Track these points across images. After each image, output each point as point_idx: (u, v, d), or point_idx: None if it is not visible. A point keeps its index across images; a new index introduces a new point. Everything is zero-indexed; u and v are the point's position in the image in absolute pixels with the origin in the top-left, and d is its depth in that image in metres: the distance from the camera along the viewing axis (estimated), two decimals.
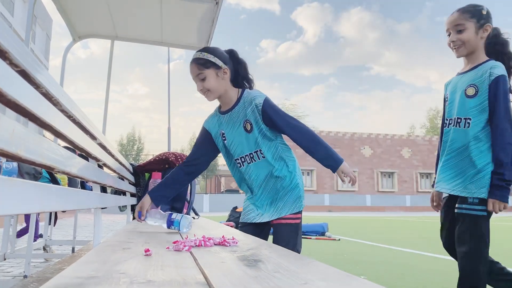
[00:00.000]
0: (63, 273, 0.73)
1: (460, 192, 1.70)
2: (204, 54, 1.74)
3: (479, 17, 1.71)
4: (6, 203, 0.59)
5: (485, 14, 1.71)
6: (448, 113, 1.83)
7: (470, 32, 1.71)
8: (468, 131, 1.70)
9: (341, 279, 0.75)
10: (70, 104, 0.94)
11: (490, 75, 1.66)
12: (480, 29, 1.71)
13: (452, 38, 1.74)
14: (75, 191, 1.09)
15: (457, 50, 1.76)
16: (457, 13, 1.73)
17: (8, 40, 0.55)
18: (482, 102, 1.68)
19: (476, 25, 1.71)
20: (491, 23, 1.73)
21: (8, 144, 0.54)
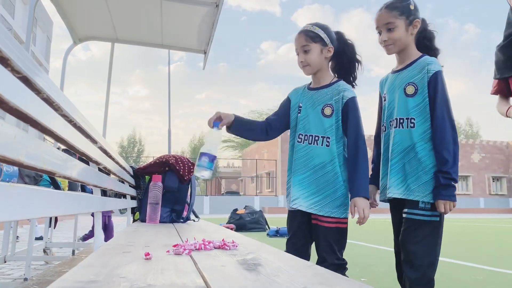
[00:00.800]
0: (64, 277, 0.73)
1: (407, 196, 1.61)
2: (315, 28, 1.73)
3: (408, 14, 1.66)
4: (7, 208, 0.60)
5: (413, 9, 1.67)
6: (389, 114, 1.74)
7: (401, 30, 1.66)
8: (413, 132, 1.62)
9: (341, 283, 0.76)
10: (71, 109, 0.95)
11: (428, 72, 1.61)
12: (410, 25, 1.66)
13: (383, 37, 1.69)
14: (76, 195, 1.10)
15: (388, 49, 1.71)
16: (385, 11, 1.68)
17: (10, 47, 0.55)
18: (423, 100, 1.62)
19: (406, 22, 1.66)
20: (419, 18, 1.69)
21: (9, 150, 0.54)
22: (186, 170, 2.94)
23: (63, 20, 3.68)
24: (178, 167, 2.90)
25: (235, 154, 44.40)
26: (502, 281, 3.32)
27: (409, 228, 1.60)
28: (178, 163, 2.93)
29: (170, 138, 5.17)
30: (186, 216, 2.93)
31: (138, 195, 2.99)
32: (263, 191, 30.73)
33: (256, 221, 8.72)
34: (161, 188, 2.69)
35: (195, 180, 3.08)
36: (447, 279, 3.25)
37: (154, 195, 2.62)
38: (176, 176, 2.91)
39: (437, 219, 1.57)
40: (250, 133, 1.89)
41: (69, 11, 3.58)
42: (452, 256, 4.56)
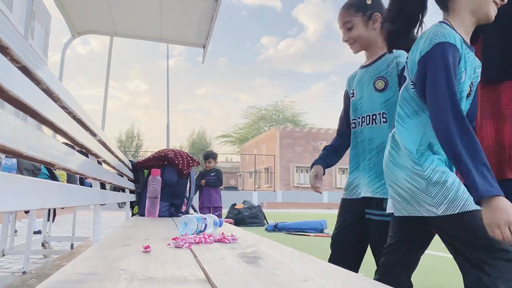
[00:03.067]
0: (64, 269, 0.73)
1: (384, 195, 1.50)
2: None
3: (365, 9, 1.60)
4: (6, 199, 0.59)
5: (370, 3, 1.61)
6: (359, 110, 1.66)
7: (359, 28, 1.61)
8: (386, 127, 1.55)
9: (341, 276, 0.76)
10: (70, 101, 0.94)
11: (398, 65, 1.56)
12: (369, 21, 1.60)
13: (344, 37, 1.65)
14: (75, 188, 1.09)
15: (352, 47, 1.66)
16: (342, 10, 1.64)
17: (9, 36, 0.55)
18: (394, 94, 1.55)
19: (363, 19, 1.61)
20: (379, 11, 1.61)
21: (9, 140, 0.54)
22: (185, 164, 2.94)
23: (62, 13, 3.66)
24: (177, 161, 2.90)
25: (233, 149, 44.42)
26: None
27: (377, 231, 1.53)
28: (177, 157, 2.92)
29: (168, 133, 5.16)
30: (185, 210, 2.92)
31: (137, 189, 2.99)
32: (261, 186, 30.78)
33: (255, 216, 8.74)
34: (160, 182, 2.68)
35: (194, 175, 3.08)
36: (436, 272, 3.26)
37: (153, 189, 2.62)
38: (175, 170, 2.91)
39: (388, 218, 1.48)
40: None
41: (68, 4, 3.56)
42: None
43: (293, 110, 41.91)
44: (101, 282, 0.64)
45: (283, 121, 40.37)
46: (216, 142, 46.56)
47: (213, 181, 5.86)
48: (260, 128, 41.73)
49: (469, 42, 1.44)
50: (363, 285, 0.68)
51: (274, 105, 42.22)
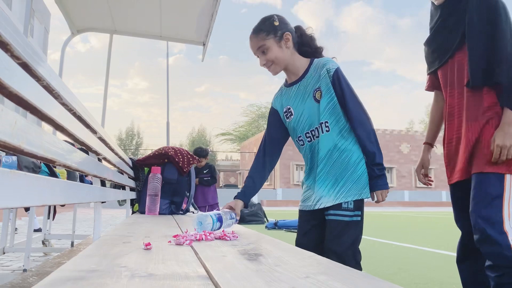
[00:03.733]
0: (64, 266, 0.73)
1: (344, 199, 1.54)
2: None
3: (275, 31, 1.62)
4: (7, 196, 0.59)
5: (278, 24, 1.63)
6: (302, 126, 1.67)
7: (274, 49, 1.62)
8: (329, 136, 1.59)
9: (342, 272, 0.76)
10: (70, 98, 0.94)
11: (328, 71, 1.59)
12: (281, 41, 1.63)
13: (261, 61, 1.66)
14: (75, 185, 1.09)
15: (271, 70, 1.67)
16: (253, 36, 1.65)
17: (10, 32, 0.54)
18: (331, 100, 1.59)
19: (275, 40, 1.62)
20: (288, 29, 1.64)
21: (10, 136, 0.54)
22: (185, 162, 2.93)
23: (61, 11, 3.65)
24: (177, 159, 2.90)
25: (233, 147, 44.44)
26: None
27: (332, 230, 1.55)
28: (177, 155, 2.92)
29: (168, 131, 5.15)
30: (186, 208, 2.93)
31: (137, 186, 2.99)
32: None
33: (255, 214, 8.76)
34: (160, 179, 2.68)
35: (194, 172, 3.08)
36: (416, 264, 3.27)
37: (153, 186, 2.62)
38: (175, 168, 2.91)
39: (359, 218, 1.56)
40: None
41: (67, 2, 3.55)
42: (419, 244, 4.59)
43: None
44: (102, 279, 0.64)
45: None
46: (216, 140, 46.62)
47: (206, 179, 5.81)
48: (260, 126, 41.75)
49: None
50: (364, 282, 0.68)
51: None
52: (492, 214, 1.50)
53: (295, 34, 1.69)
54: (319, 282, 0.65)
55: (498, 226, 1.48)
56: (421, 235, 6.38)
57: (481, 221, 1.51)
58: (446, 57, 1.74)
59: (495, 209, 1.50)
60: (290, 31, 1.65)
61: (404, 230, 7.50)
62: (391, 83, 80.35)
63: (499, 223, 1.48)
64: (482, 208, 1.52)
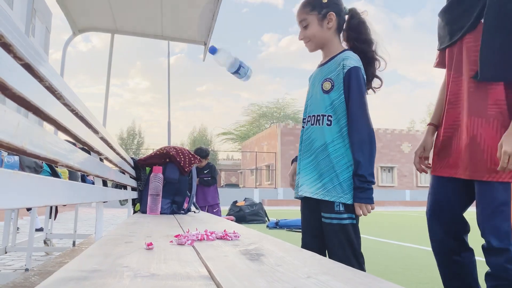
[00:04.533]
0: (67, 266, 0.73)
1: (323, 196, 1.51)
2: None
3: (320, 8, 1.57)
4: (9, 196, 0.59)
5: (326, 2, 1.57)
6: (308, 109, 1.65)
7: (314, 27, 1.58)
8: (328, 130, 1.54)
9: (344, 273, 0.76)
10: (72, 98, 0.94)
11: (343, 68, 1.52)
12: (324, 20, 1.57)
13: (300, 35, 1.64)
14: (77, 185, 1.09)
15: (307, 46, 1.64)
16: (300, 8, 1.62)
17: (12, 33, 0.54)
18: (339, 96, 1.54)
19: (318, 17, 1.57)
20: (335, 10, 1.58)
21: (13, 137, 0.54)
22: (187, 161, 2.94)
23: (63, 10, 3.66)
24: (178, 158, 2.90)
25: (234, 146, 44.44)
26: None
27: (329, 234, 1.52)
28: (178, 154, 2.93)
29: (169, 130, 5.15)
30: (187, 207, 2.93)
31: (138, 186, 2.99)
32: (262, 184, 30.80)
33: (256, 213, 8.76)
34: (161, 179, 2.69)
35: (195, 172, 3.08)
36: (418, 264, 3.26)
37: (155, 186, 2.62)
38: (176, 168, 2.91)
39: (354, 221, 1.50)
40: None
41: (68, 1, 3.56)
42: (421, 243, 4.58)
43: (294, 107, 41.89)
44: (104, 279, 0.64)
45: (284, 118, 40.37)
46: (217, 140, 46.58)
47: (206, 179, 5.81)
48: (261, 125, 41.74)
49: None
50: (365, 282, 0.68)
51: (275, 102, 42.25)
52: (498, 224, 1.45)
53: (344, 15, 1.62)
54: (320, 282, 0.66)
55: (505, 237, 1.43)
56: (423, 235, 6.37)
57: (488, 231, 1.47)
58: (456, 37, 1.61)
59: (502, 218, 1.44)
60: (337, 12, 1.59)
61: (405, 230, 7.49)
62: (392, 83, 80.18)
63: (506, 234, 1.43)
64: (488, 217, 1.47)
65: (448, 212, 1.67)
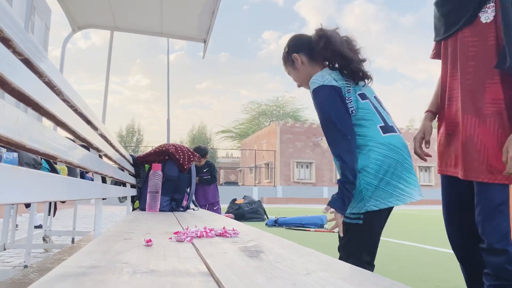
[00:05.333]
0: (66, 262, 0.73)
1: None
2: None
3: (286, 59, 1.73)
4: (8, 191, 0.59)
5: (287, 51, 1.72)
6: None
7: (294, 74, 1.74)
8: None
9: (343, 270, 0.76)
10: (72, 94, 0.94)
11: (311, 93, 1.62)
12: (293, 64, 1.70)
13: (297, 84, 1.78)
14: (77, 181, 1.09)
15: (305, 88, 1.74)
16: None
17: (12, 28, 0.54)
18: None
19: (291, 65, 1.72)
20: (295, 50, 1.69)
21: (12, 132, 0.54)
22: (186, 159, 2.94)
23: (62, 7, 3.65)
24: (178, 156, 2.90)
25: (234, 144, 44.43)
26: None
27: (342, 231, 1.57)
28: (178, 152, 2.92)
29: (169, 128, 5.15)
30: (186, 205, 2.93)
31: (137, 183, 2.99)
32: (261, 182, 30.81)
33: (255, 211, 8.76)
34: (160, 176, 2.68)
35: (195, 170, 3.08)
36: (417, 262, 3.27)
37: (154, 183, 2.62)
38: (176, 165, 2.91)
39: (360, 221, 1.54)
40: None
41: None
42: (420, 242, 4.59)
43: (293, 106, 41.89)
44: (103, 275, 0.64)
45: (283, 116, 40.35)
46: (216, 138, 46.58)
47: (206, 178, 5.81)
48: (260, 123, 41.72)
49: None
50: (364, 278, 0.68)
51: (275, 100, 42.22)
52: (497, 224, 1.44)
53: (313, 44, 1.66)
54: (320, 279, 0.66)
55: (504, 238, 1.42)
56: (422, 233, 6.38)
57: (487, 232, 1.46)
58: (451, 30, 1.57)
59: (501, 218, 1.43)
60: (297, 50, 1.69)
61: (404, 228, 7.50)
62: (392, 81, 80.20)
63: (505, 234, 1.43)
64: (486, 218, 1.46)
65: (462, 213, 1.64)
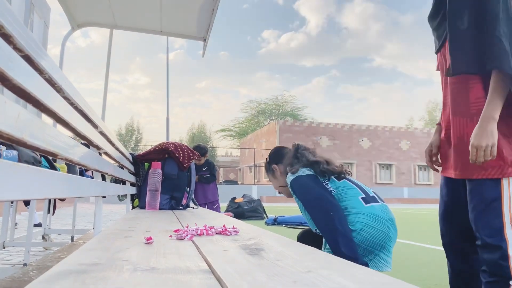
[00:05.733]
0: (66, 260, 0.73)
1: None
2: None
3: (268, 169, 2.09)
4: (8, 188, 0.59)
5: (269, 160, 2.09)
6: None
7: (273, 181, 2.09)
8: None
9: (343, 267, 0.76)
10: (72, 91, 0.94)
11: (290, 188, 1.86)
12: (274, 174, 2.06)
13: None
14: (77, 179, 1.09)
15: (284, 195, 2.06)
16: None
17: (12, 24, 0.54)
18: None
19: (272, 174, 2.07)
20: (275, 161, 2.05)
21: (13, 129, 0.54)
22: (186, 157, 2.93)
23: (61, 5, 3.64)
24: (177, 154, 2.90)
25: (233, 143, 44.41)
26: None
27: None
28: (177, 150, 2.92)
29: (168, 126, 5.15)
30: (186, 203, 2.93)
31: (137, 182, 2.99)
32: (261, 180, 30.81)
33: (254, 210, 8.76)
34: (160, 175, 2.68)
35: (194, 168, 3.08)
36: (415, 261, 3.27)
37: (154, 182, 2.62)
38: (175, 163, 2.91)
39: None
40: None
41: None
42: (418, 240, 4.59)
43: (293, 104, 41.89)
44: (104, 272, 0.64)
45: (283, 115, 40.35)
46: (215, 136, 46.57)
47: (205, 177, 5.80)
48: (260, 122, 41.71)
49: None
50: (365, 276, 0.68)
51: (274, 99, 42.21)
52: (491, 221, 1.45)
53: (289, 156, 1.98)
54: (321, 277, 0.65)
55: (498, 233, 1.44)
56: (420, 232, 6.39)
57: (481, 228, 1.48)
58: (441, 41, 1.64)
59: (494, 214, 1.45)
60: (276, 162, 2.04)
61: (403, 227, 7.50)
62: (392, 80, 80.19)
63: (499, 230, 1.44)
64: (480, 214, 1.48)
65: (456, 213, 1.67)
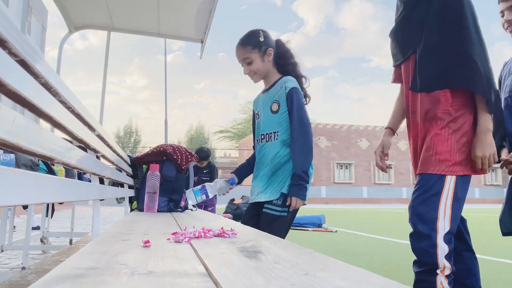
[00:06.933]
0: (64, 264, 0.73)
1: (274, 196, 1.82)
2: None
3: (259, 46, 1.88)
4: (5, 193, 0.59)
5: (263, 40, 1.89)
6: (261, 129, 1.96)
7: (257, 63, 1.89)
8: (276, 143, 1.87)
9: (341, 269, 0.76)
10: (69, 95, 0.94)
11: (286, 89, 1.85)
12: (264, 55, 1.90)
13: (245, 70, 1.92)
14: (74, 183, 1.09)
15: (252, 78, 1.95)
16: (240, 47, 1.90)
17: (7, 29, 0.54)
18: (283, 113, 1.86)
19: (260, 54, 1.89)
20: (272, 45, 1.91)
21: (9, 134, 0.54)
22: (184, 159, 2.93)
23: (59, 8, 3.64)
24: (175, 156, 2.90)
25: (231, 144, 44.41)
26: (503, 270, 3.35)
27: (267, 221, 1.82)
28: (175, 152, 2.92)
29: (166, 128, 5.15)
30: (184, 205, 2.92)
31: (135, 184, 2.99)
32: None
33: None
34: (158, 177, 2.68)
35: (192, 170, 3.08)
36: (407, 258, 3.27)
37: (152, 184, 2.62)
38: (173, 166, 2.90)
39: (285, 214, 1.80)
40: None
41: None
42: None
43: None
44: (102, 276, 0.64)
45: None
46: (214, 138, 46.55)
47: (205, 179, 5.79)
48: None
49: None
50: (363, 278, 0.68)
51: None
52: (427, 211, 1.52)
53: (276, 49, 1.93)
54: (318, 279, 0.66)
55: (431, 223, 1.49)
56: None
57: (415, 216, 1.54)
58: (409, 53, 1.72)
59: (431, 206, 1.51)
60: (272, 47, 1.91)
61: (402, 227, 7.51)
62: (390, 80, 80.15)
63: (432, 220, 1.50)
64: (419, 204, 1.54)
65: None
